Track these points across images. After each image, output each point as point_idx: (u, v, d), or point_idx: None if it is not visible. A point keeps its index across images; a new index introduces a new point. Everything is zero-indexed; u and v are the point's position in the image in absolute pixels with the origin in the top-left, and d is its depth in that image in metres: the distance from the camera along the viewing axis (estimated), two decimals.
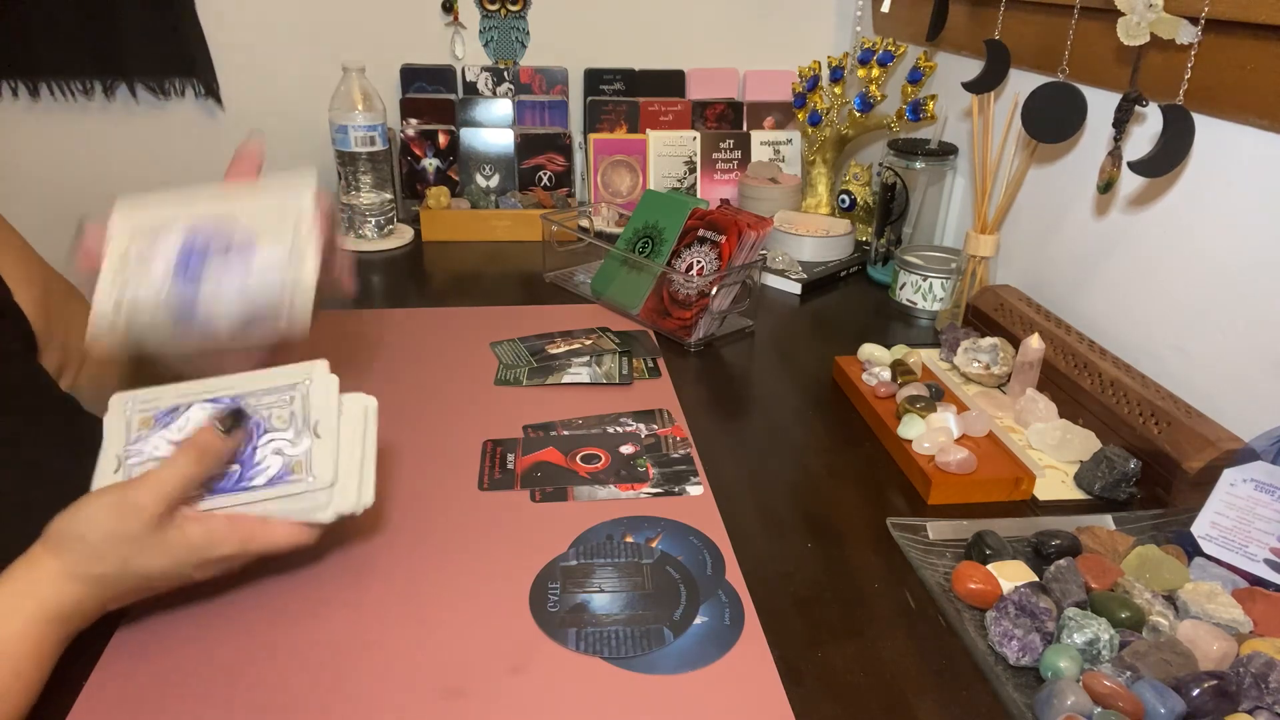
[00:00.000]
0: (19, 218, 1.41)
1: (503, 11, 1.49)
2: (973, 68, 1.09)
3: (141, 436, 0.56)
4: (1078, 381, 0.88)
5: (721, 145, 1.49)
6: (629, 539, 0.68)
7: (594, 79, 1.54)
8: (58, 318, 0.73)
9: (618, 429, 0.84)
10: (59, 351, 0.72)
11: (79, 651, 0.54)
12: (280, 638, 0.58)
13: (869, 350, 0.97)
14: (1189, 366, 0.86)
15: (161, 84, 1.40)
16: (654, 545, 0.68)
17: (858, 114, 1.34)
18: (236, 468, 0.55)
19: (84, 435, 0.66)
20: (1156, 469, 0.77)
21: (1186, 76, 0.80)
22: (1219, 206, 0.83)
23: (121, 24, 1.33)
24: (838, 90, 1.37)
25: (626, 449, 0.81)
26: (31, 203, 1.44)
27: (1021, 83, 1.07)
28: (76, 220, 0.59)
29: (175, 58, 1.38)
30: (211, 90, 1.41)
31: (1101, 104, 0.94)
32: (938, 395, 0.87)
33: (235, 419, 0.54)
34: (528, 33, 1.52)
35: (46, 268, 0.75)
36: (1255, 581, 0.64)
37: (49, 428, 0.63)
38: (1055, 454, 0.82)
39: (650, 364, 0.97)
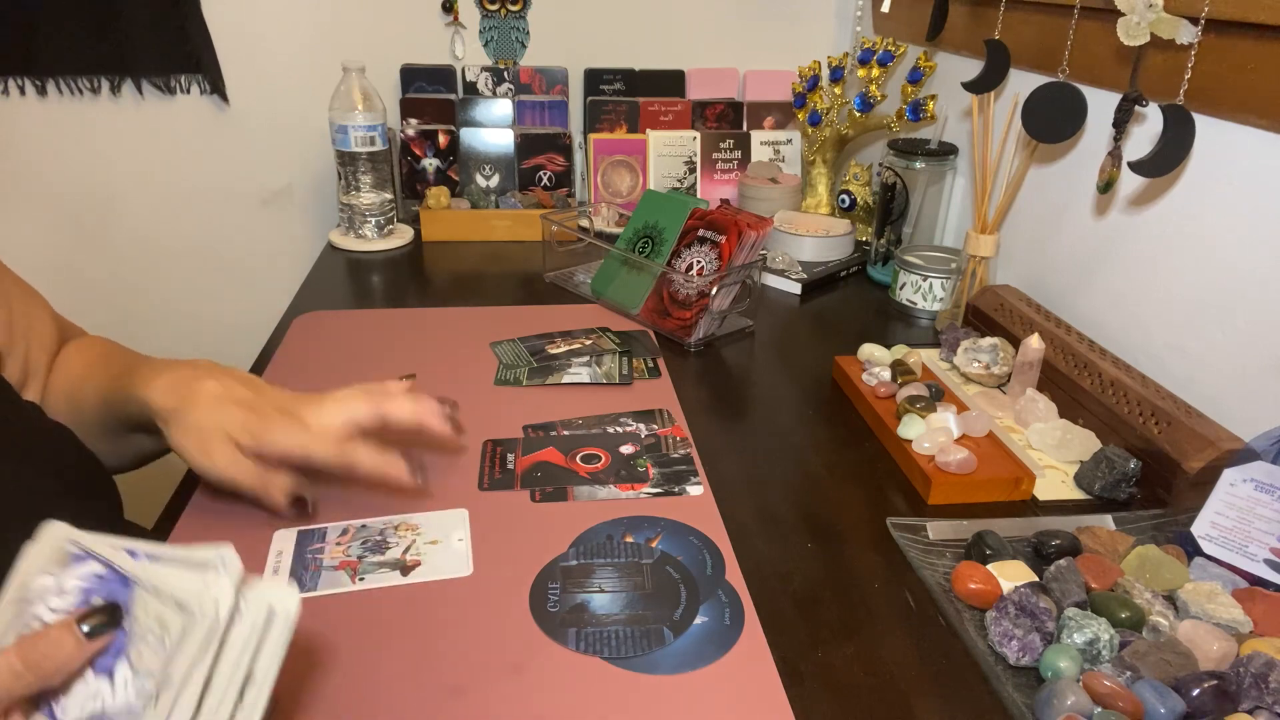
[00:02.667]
0: (27, 213, 1.43)
1: (503, 11, 1.49)
2: (973, 68, 1.09)
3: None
4: (1078, 381, 0.88)
5: (721, 145, 1.49)
6: (629, 539, 0.68)
7: (594, 79, 1.54)
8: (19, 329, 0.68)
9: (618, 429, 0.84)
10: (20, 363, 0.68)
11: None
12: None
13: (869, 350, 0.97)
14: (1189, 366, 0.86)
15: (168, 81, 1.41)
16: (654, 545, 0.68)
17: (858, 114, 1.34)
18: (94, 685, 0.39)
19: (50, 446, 0.62)
20: (1156, 469, 0.77)
21: (1186, 76, 0.80)
22: (1219, 206, 0.83)
23: (130, 23, 1.35)
24: (838, 90, 1.37)
25: (626, 449, 0.81)
26: (39, 198, 1.44)
27: (1021, 83, 1.07)
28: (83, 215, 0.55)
29: (182, 55, 1.39)
30: (217, 88, 1.42)
31: (1101, 104, 0.94)
32: (938, 395, 0.87)
33: (108, 618, 0.38)
34: (528, 33, 1.51)
35: (7, 276, 0.70)
36: (1255, 581, 0.64)
37: (12, 440, 0.59)
38: (1055, 454, 0.82)
39: (650, 364, 0.97)
